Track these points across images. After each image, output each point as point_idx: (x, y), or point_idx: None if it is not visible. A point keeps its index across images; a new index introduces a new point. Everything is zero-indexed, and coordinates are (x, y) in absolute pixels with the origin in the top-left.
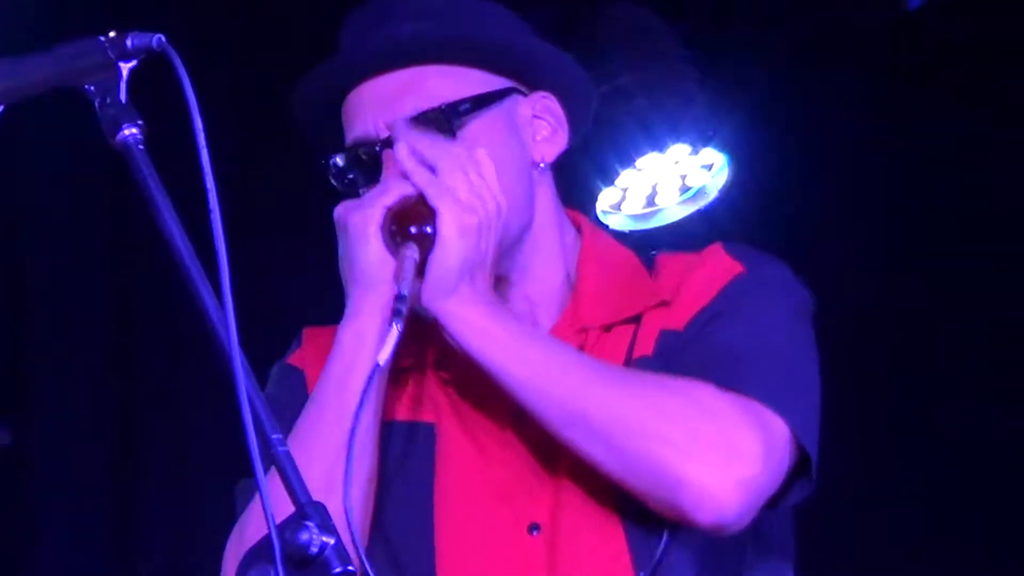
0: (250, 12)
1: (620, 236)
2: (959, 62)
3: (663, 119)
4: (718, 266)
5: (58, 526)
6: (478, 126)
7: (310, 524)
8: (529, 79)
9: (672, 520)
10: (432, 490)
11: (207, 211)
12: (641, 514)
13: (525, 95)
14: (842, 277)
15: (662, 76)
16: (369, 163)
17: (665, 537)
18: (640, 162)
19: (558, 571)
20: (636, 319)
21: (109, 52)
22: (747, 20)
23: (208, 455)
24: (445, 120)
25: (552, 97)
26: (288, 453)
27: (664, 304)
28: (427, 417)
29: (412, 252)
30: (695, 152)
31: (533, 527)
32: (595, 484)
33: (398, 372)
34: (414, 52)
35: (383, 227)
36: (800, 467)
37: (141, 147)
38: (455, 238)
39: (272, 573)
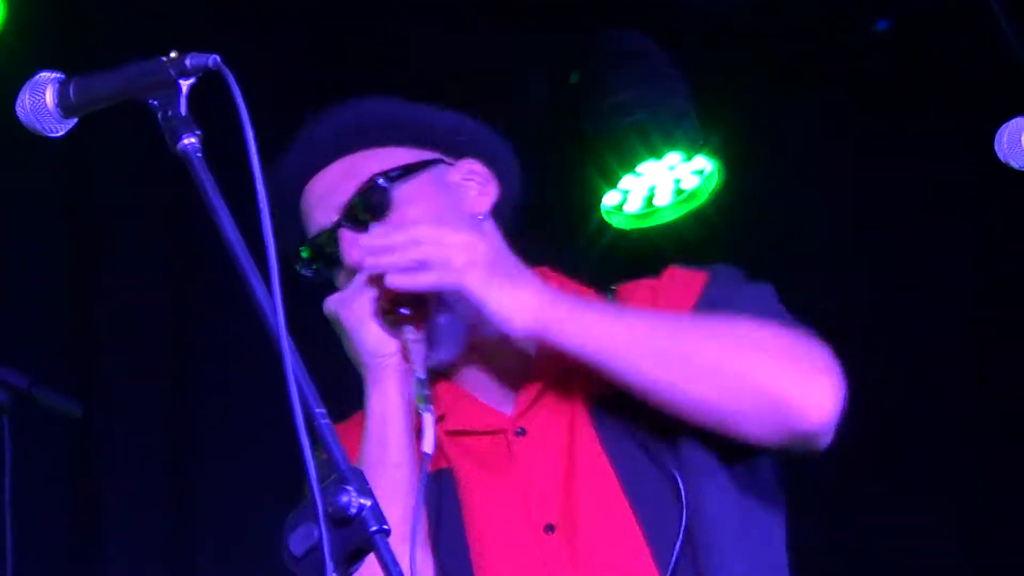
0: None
1: (622, 234)
2: (924, 79)
3: (659, 130)
4: (685, 277)
5: (120, 489)
6: (409, 189)
7: (349, 488)
8: (452, 150)
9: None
10: (464, 528)
11: (257, 210)
12: (653, 505)
13: (451, 164)
14: (816, 270)
15: (657, 92)
16: (329, 247)
17: (682, 533)
18: (640, 168)
19: (577, 564)
20: None
21: (170, 70)
22: (731, 42)
23: (259, 432)
24: (379, 189)
25: (475, 161)
26: (330, 424)
27: None
28: (444, 464)
29: (414, 335)
30: (688, 159)
31: (548, 527)
32: (605, 481)
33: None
34: (344, 143)
35: (375, 311)
36: None
37: (199, 154)
38: (492, 291)
39: (315, 531)
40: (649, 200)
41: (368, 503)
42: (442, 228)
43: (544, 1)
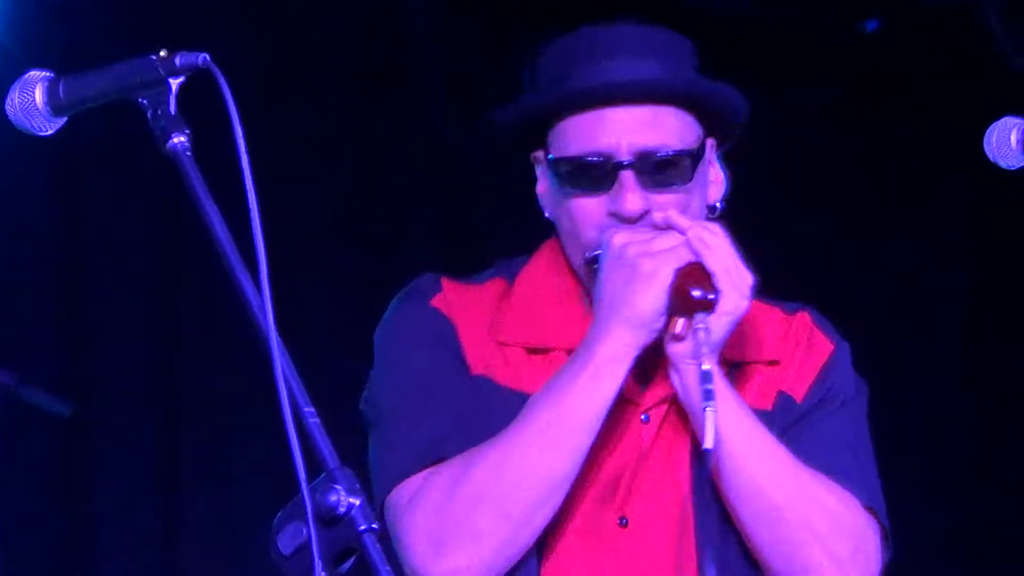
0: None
1: None
2: (911, 78)
3: None
4: (816, 342)
5: (110, 487)
6: (700, 173)
7: (338, 487)
8: (713, 126)
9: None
10: None
11: (246, 208)
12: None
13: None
14: (810, 268)
15: None
16: (604, 175)
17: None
18: None
19: (637, 563)
20: (741, 365)
21: (160, 69)
22: (723, 41)
23: (250, 431)
24: (686, 167)
25: (714, 141)
26: (318, 424)
27: (774, 363)
28: None
29: (704, 324)
30: None
31: (623, 520)
32: (684, 516)
33: (535, 349)
34: (663, 93)
35: (672, 277)
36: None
37: (188, 153)
38: (727, 323)
39: (304, 530)
40: None
41: (357, 502)
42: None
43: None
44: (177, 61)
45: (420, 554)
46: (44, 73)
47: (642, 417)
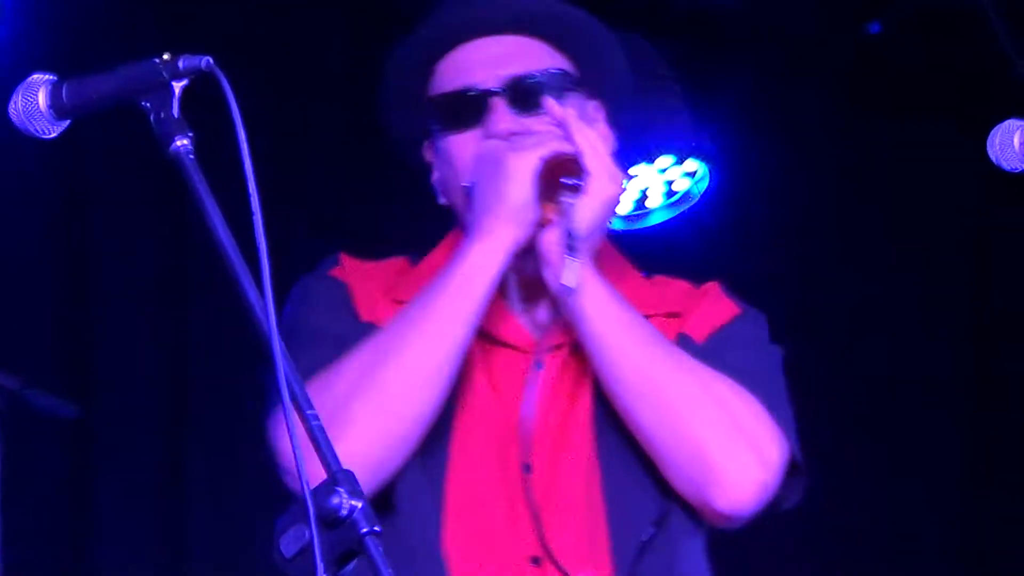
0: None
1: (612, 236)
2: (914, 80)
3: (651, 132)
4: (723, 301)
5: (115, 492)
6: (572, 102)
7: (340, 489)
8: (594, 88)
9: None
10: (452, 422)
11: (249, 211)
12: (624, 497)
13: (587, 98)
14: (811, 270)
15: (649, 94)
16: (475, 107)
17: (647, 534)
18: (631, 171)
19: (541, 508)
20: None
21: (163, 72)
22: (724, 44)
23: (255, 434)
24: (556, 87)
25: (603, 110)
26: (321, 427)
27: (674, 316)
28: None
29: (570, 199)
30: (679, 162)
31: (526, 467)
32: (588, 451)
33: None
34: (529, 24)
35: (538, 172)
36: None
37: (191, 156)
38: (598, 203)
39: (307, 533)
40: (640, 202)
41: (359, 504)
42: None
43: None
44: (180, 64)
45: (284, 443)
46: (47, 76)
47: (535, 363)
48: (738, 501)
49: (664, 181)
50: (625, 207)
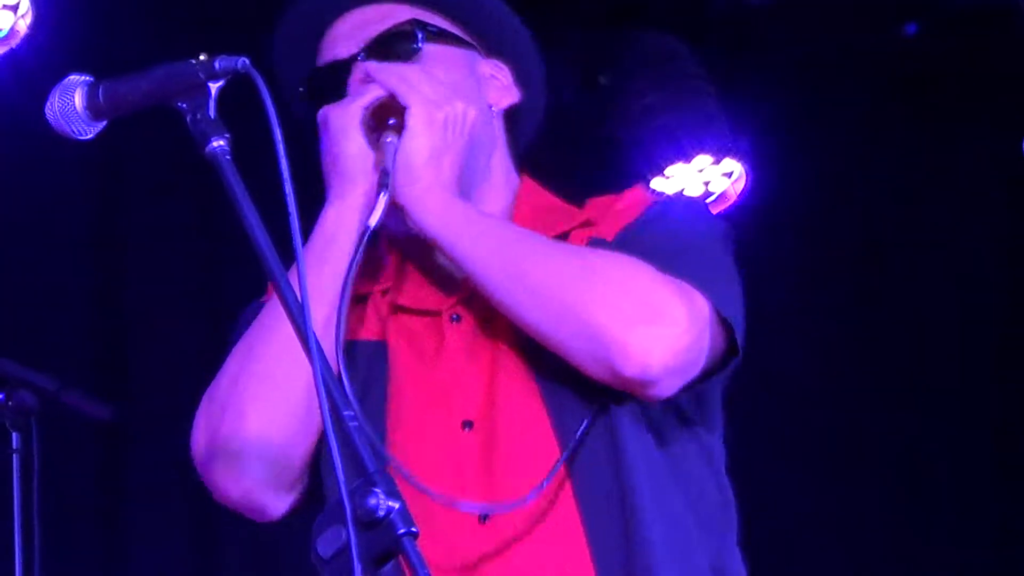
0: None
1: None
2: (951, 82)
3: (687, 133)
4: (640, 193)
5: (149, 493)
6: (439, 51)
7: (377, 490)
8: (490, 45)
9: (600, 384)
10: (386, 402)
11: (285, 212)
12: (564, 402)
13: (483, 57)
14: (847, 271)
15: (685, 95)
16: (340, 77)
17: (586, 421)
18: (668, 171)
19: (491, 462)
20: (564, 236)
21: (199, 73)
22: (760, 45)
23: None
24: (410, 36)
25: (505, 68)
26: (359, 427)
27: (588, 224)
28: (379, 336)
29: (393, 139)
30: (717, 162)
31: (466, 424)
32: (523, 378)
33: (355, 299)
34: None
35: (362, 124)
36: (729, 351)
37: (228, 157)
38: (421, 128)
39: (344, 533)
40: None
41: (396, 505)
42: (456, 93)
43: (573, 2)
44: (216, 65)
45: (197, 443)
46: (83, 77)
47: (452, 317)
48: (642, 363)
49: (702, 181)
50: None
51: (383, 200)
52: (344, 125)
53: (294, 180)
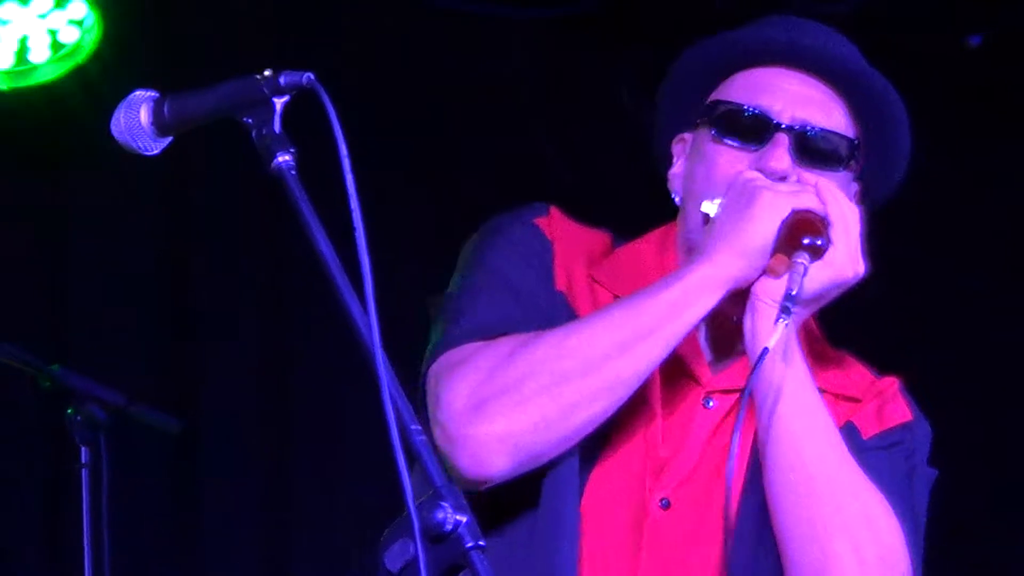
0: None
1: None
2: (1016, 94)
3: None
4: (898, 401)
5: (220, 508)
6: (848, 174)
7: (445, 504)
8: (864, 168)
9: None
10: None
11: (352, 228)
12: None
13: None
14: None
15: None
16: (759, 132)
17: None
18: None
19: (673, 554)
20: (821, 391)
21: (264, 89)
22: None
23: (358, 447)
24: (846, 154)
25: (858, 187)
26: (425, 442)
27: (850, 400)
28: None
29: (804, 260)
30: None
31: (664, 501)
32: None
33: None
34: (839, 76)
35: (784, 220)
36: None
37: (293, 172)
38: (829, 281)
39: (411, 547)
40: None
41: (464, 519)
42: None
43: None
44: (281, 80)
45: (458, 411)
46: (149, 93)
47: (704, 400)
48: None
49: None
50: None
51: (782, 326)
52: (770, 212)
53: (359, 194)
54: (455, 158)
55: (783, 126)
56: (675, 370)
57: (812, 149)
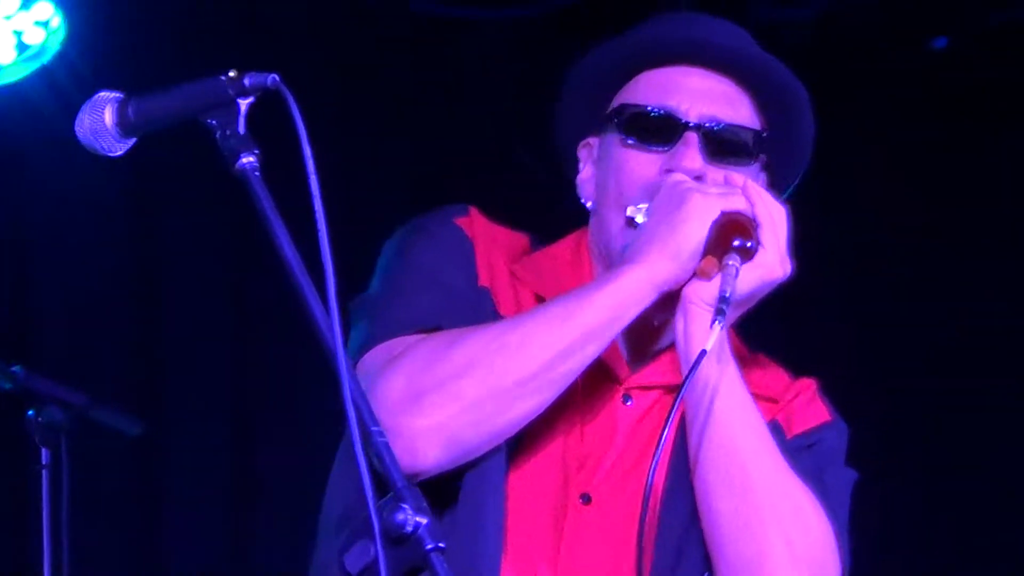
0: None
1: None
2: (979, 95)
3: None
4: (817, 403)
5: (181, 508)
6: (757, 166)
7: (405, 506)
8: (772, 157)
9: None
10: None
11: (314, 227)
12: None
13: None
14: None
15: None
16: (667, 133)
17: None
18: None
19: (593, 547)
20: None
21: (229, 90)
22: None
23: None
24: (754, 147)
25: (764, 177)
26: (387, 444)
27: (771, 400)
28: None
29: (735, 263)
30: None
31: (585, 496)
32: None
33: None
34: (744, 72)
35: (715, 222)
36: None
37: (257, 173)
38: (758, 281)
39: (371, 549)
40: None
41: (424, 521)
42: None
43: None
44: (246, 81)
45: (393, 403)
46: (113, 94)
47: (623, 397)
48: None
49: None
50: None
51: (717, 330)
52: (701, 214)
53: (323, 196)
54: (429, 160)
55: (691, 124)
56: (595, 369)
57: (721, 144)
